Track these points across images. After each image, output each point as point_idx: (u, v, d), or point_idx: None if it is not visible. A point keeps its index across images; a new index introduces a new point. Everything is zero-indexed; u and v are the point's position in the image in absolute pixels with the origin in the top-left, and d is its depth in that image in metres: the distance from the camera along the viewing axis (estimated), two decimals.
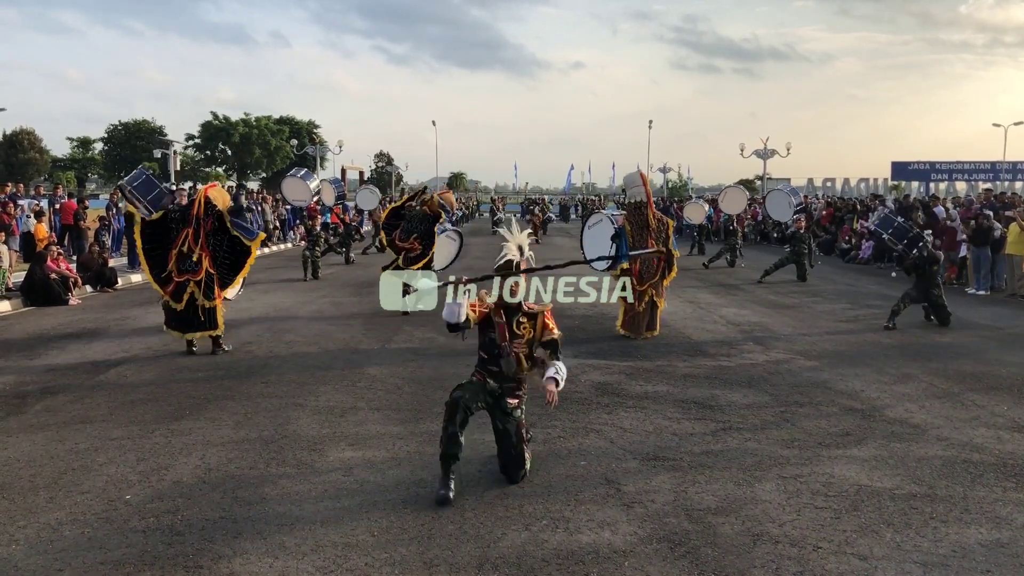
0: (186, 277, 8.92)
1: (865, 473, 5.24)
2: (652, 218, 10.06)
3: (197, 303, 8.92)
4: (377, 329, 10.53)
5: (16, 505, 4.67)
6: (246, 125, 72.60)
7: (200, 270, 8.93)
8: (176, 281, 8.94)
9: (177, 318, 9.00)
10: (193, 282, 8.91)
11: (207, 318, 9.00)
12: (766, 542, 4.19)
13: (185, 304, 8.92)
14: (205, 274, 8.95)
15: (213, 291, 9.00)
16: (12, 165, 62.26)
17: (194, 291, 8.91)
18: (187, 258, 8.92)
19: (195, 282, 8.91)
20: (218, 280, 9.06)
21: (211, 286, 8.98)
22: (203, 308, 8.96)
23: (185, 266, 8.94)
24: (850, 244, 22.89)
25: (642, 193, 10.19)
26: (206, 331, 9.02)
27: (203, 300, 8.93)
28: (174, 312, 9.00)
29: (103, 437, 5.95)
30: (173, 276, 8.95)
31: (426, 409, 6.68)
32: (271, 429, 6.14)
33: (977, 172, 47.68)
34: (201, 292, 8.92)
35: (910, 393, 7.37)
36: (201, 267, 8.93)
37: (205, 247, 8.96)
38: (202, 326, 9.00)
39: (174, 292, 8.93)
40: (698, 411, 6.69)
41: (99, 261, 15.44)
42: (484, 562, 3.95)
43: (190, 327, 8.99)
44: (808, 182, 49.82)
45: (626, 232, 10.17)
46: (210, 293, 8.97)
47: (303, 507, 4.64)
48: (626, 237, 10.14)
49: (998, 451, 5.73)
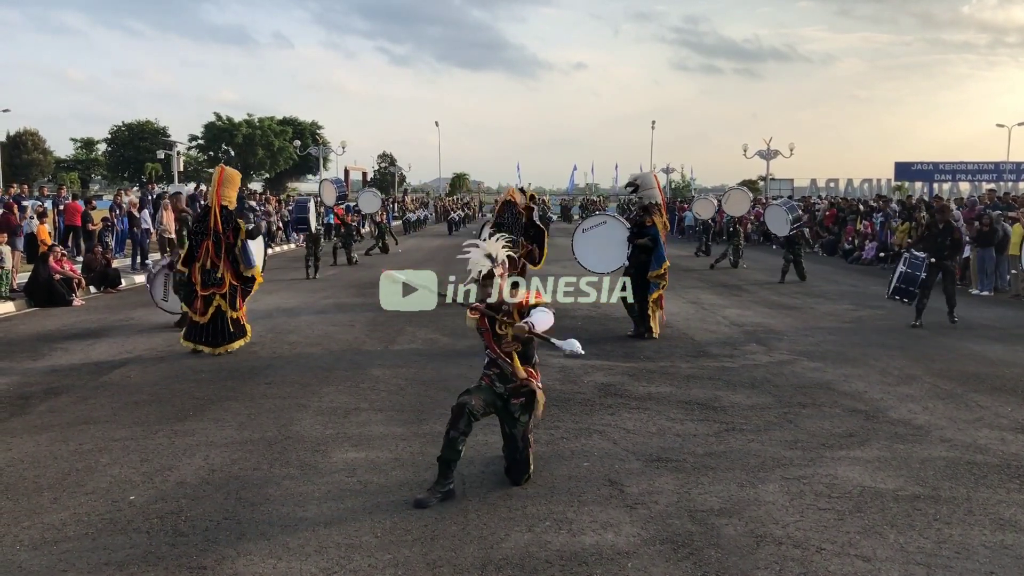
0: (211, 291, 9.04)
1: (868, 474, 5.23)
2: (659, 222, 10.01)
3: (226, 315, 9.03)
4: (380, 330, 10.53)
5: (20, 506, 4.68)
6: (249, 126, 72.63)
7: (224, 284, 9.07)
8: (202, 295, 9.03)
9: (205, 333, 8.99)
10: (219, 295, 9.03)
11: (236, 328, 9.13)
12: (769, 543, 4.19)
13: (211, 317, 8.99)
14: (229, 286, 9.08)
15: (236, 301, 9.15)
16: (16, 166, 62.38)
17: (220, 303, 9.03)
18: (211, 273, 9.04)
19: (220, 295, 9.04)
20: (240, 291, 9.23)
21: (235, 297, 9.14)
22: (231, 319, 9.06)
23: (209, 280, 9.05)
24: (853, 245, 22.87)
25: (657, 196, 10.17)
26: (237, 341, 9.12)
27: (229, 311, 9.06)
28: (200, 327, 8.99)
29: (107, 438, 5.96)
30: (198, 291, 9.04)
31: (429, 410, 6.68)
32: (274, 430, 6.15)
33: (981, 172, 47.61)
34: (227, 304, 9.04)
35: (913, 394, 7.36)
36: (225, 281, 9.07)
37: (227, 261, 9.07)
38: (233, 337, 9.09)
39: (200, 307, 9.01)
40: (701, 412, 6.69)
41: (102, 262, 15.48)
42: (487, 563, 3.95)
43: (222, 340, 9.01)
44: (811, 182, 49.82)
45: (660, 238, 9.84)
46: (234, 303, 9.12)
47: (306, 508, 4.65)
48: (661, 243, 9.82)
49: (1002, 452, 5.72)
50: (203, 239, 9.03)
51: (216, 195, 9.18)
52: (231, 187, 9.34)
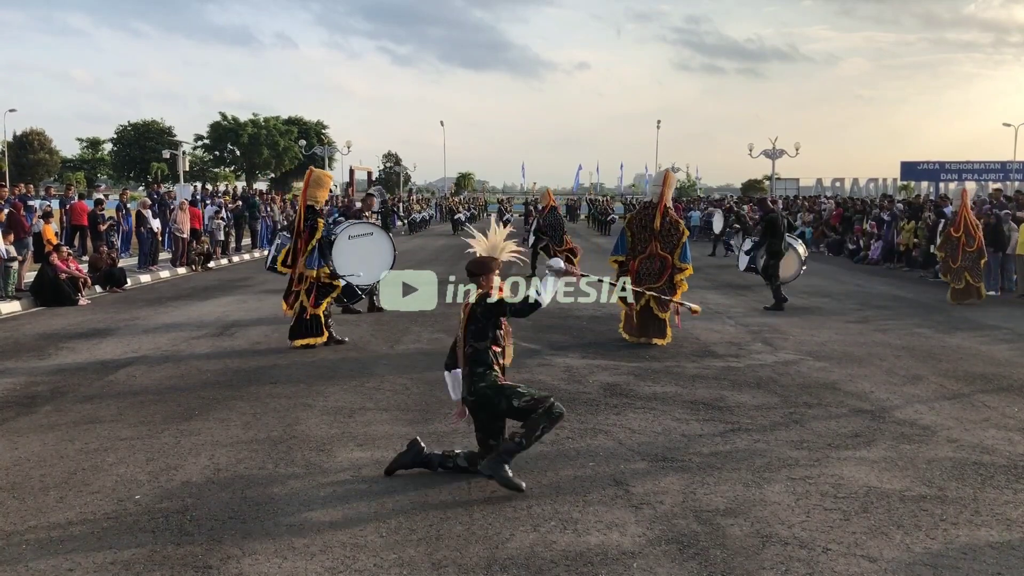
0: (300, 287, 9.31)
1: (875, 475, 5.22)
2: (659, 219, 9.57)
3: (305, 310, 9.24)
4: (385, 330, 10.54)
5: (26, 505, 4.69)
6: (255, 126, 72.81)
7: (304, 280, 9.30)
8: (294, 291, 9.34)
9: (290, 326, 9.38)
10: (303, 291, 9.26)
11: (313, 326, 9.29)
12: (775, 544, 4.18)
13: (297, 312, 9.28)
14: (308, 283, 9.28)
15: (313, 299, 9.29)
16: (22, 165, 62.62)
17: (303, 299, 9.24)
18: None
19: (304, 291, 9.27)
20: (317, 290, 9.34)
21: (311, 294, 9.29)
22: (311, 316, 9.27)
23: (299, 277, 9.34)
24: (858, 245, 22.81)
25: (657, 193, 9.81)
26: (310, 338, 9.25)
27: (310, 308, 9.25)
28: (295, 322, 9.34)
29: (113, 437, 5.97)
30: (293, 286, 9.36)
31: (434, 410, 6.68)
32: (280, 429, 6.15)
33: (987, 172, 47.43)
34: (310, 301, 9.23)
35: (920, 394, 7.34)
36: (304, 278, 9.30)
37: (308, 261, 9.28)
38: (308, 333, 9.26)
39: (291, 300, 9.34)
40: (707, 412, 6.68)
41: (108, 261, 15.52)
42: (492, 563, 3.95)
43: (298, 335, 9.28)
44: (817, 182, 49.75)
45: (626, 234, 9.87)
46: (316, 301, 9.28)
47: (312, 507, 4.65)
48: (625, 238, 9.86)
49: (1009, 453, 5.70)
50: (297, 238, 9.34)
51: (303, 196, 9.52)
52: (318, 188, 9.52)
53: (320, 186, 9.50)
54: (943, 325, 11.10)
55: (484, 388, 4.93)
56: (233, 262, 21.92)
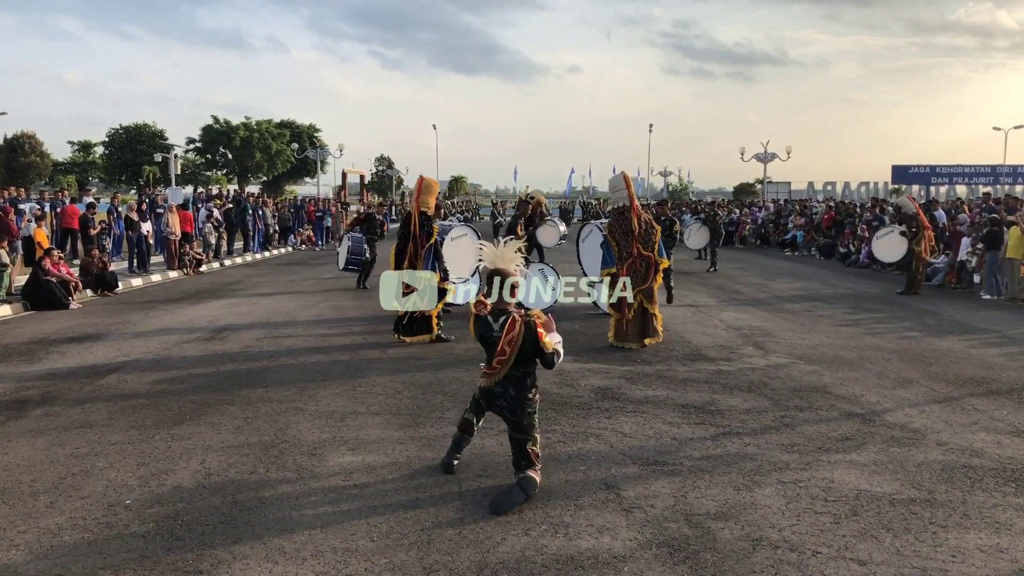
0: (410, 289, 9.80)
1: (865, 478, 5.24)
2: (636, 222, 9.72)
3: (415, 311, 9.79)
4: (377, 333, 10.53)
5: (16, 510, 4.68)
6: (247, 129, 72.64)
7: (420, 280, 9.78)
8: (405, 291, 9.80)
9: (402, 324, 9.91)
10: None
11: (424, 324, 9.86)
12: (765, 547, 4.19)
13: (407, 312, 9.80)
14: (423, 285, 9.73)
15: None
16: (13, 169, 62.37)
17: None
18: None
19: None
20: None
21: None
22: (423, 315, 9.82)
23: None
24: (849, 248, 22.90)
25: (625, 197, 9.86)
26: (422, 335, 9.83)
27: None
28: (400, 319, 9.89)
29: (103, 442, 5.95)
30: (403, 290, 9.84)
31: (426, 414, 6.68)
32: (271, 434, 6.14)
33: (977, 176, 47.63)
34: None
35: (910, 398, 7.37)
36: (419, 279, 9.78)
37: (424, 263, 9.77)
38: (420, 330, 9.86)
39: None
40: (698, 416, 6.69)
41: (99, 265, 15.46)
42: (483, 567, 3.95)
43: (411, 331, 9.86)
44: (808, 185, 49.85)
45: (609, 241, 9.90)
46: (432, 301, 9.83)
47: (303, 512, 4.64)
48: (610, 247, 9.89)
49: (998, 456, 5.73)
50: (407, 242, 9.80)
51: (416, 202, 9.99)
52: (428, 194, 10.01)
53: (430, 192, 10.07)
54: (933, 328, 11.15)
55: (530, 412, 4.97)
56: (225, 266, 21.88)
